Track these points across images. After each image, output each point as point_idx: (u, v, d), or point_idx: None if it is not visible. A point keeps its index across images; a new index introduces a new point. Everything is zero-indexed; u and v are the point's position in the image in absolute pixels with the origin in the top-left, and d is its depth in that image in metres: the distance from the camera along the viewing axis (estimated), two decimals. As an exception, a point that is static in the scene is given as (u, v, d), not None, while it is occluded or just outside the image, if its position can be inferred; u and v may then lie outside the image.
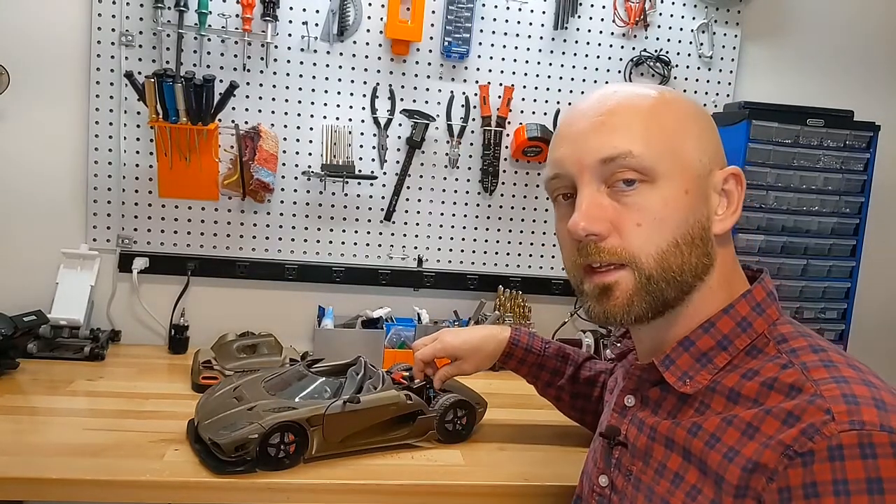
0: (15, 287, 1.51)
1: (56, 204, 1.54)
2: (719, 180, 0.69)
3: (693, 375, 0.68)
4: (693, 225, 0.67)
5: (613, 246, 0.67)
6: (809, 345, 0.65)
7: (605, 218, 0.67)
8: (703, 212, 0.68)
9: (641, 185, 0.66)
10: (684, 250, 0.66)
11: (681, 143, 0.68)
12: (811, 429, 0.55)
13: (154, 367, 1.44)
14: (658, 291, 0.67)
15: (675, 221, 0.66)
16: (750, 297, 0.69)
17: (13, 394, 1.21)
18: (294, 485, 0.96)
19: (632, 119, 0.68)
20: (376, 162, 1.64)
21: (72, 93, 1.52)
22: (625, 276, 0.67)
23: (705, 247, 0.68)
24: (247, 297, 1.63)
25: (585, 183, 0.68)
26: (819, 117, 1.61)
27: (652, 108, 0.69)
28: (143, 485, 0.93)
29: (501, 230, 1.72)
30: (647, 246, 0.66)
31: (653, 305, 0.68)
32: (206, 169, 1.52)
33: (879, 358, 1.89)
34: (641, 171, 0.66)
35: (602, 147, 0.67)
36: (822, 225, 1.65)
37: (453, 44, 1.61)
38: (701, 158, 0.68)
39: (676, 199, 0.66)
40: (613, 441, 0.75)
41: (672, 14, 1.71)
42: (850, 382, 0.58)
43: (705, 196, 0.68)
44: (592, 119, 0.69)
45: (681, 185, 0.67)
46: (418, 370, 1.14)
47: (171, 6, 1.48)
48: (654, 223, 0.66)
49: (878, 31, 1.84)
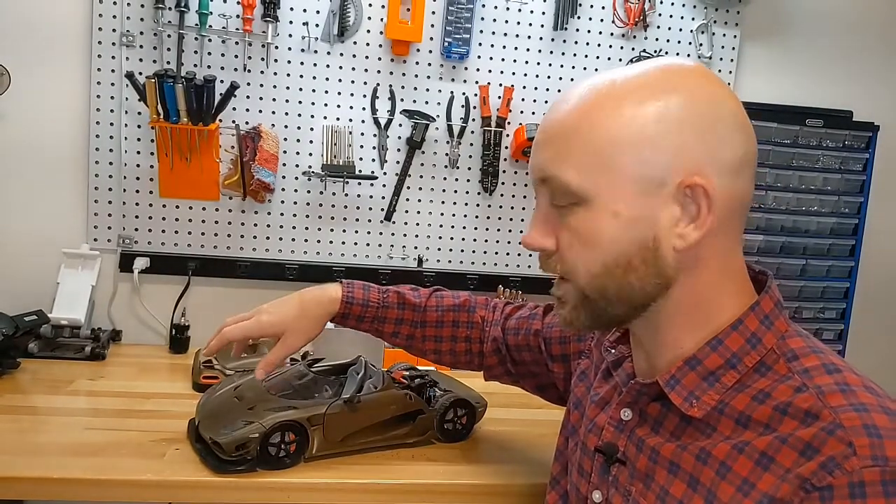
0: (16, 287, 1.51)
1: (57, 204, 1.54)
2: (676, 191, 0.62)
3: (700, 395, 0.64)
4: (627, 248, 0.63)
5: (555, 263, 0.69)
6: (822, 364, 0.61)
7: (551, 233, 0.68)
8: (644, 232, 0.63)
9: (573, 206, 0.65)
10: (618, 273, 0.64)
11: (617, 160, 0.62)
12: (831, 463, 0.52)
13: (155, 367, 1.44)
14: (598, 309, 0.67)
15: (602, 246, 0.64)
16: (758, 309, 0.65)
17: (14, 393, 1.21)
18: (294, 484, 0.96)
19: (566, 137, 0.65)
20: (376, 162, 1.64)
21: (72, 93, 1.52)
22: (569, 289, 0.68)
23: (652, 267, 0.63)
24: (247, 297, 1.63)
25: (538, 195, 0.70)
26: (818, 117, 1.62)
27: (592, 121, 0.64)
28: (144, 484, 0.93)
29: (501, 230, 1.72)
30: (578, 266, 0.66)
31: (597, 321, 0.68)
32: (207, 169, 1.53)
33: (878, 358, 1.89)
34: (569, 195, 0.65)
35: (536, 167, 0.68)
36: (821, 225, 1.66)
37: (453, 44, 1.61)
38: (645, 172, 0.62)
39: (605, 223, 0.63)
40: (612, 458, 0.72)
41: (671, 14, 1.71)
42: (870, 411, 0.54)
43: (649, 214, 0.63)
44: (540, 132, 0.69)
45: (609, 207, 0.63)
46: (217, 347, 1.01)
47: (171, 6, 1.48)
48: (583, 247, 0.65)
49: (878, 32, 1.84)
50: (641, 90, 0.64)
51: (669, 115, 0.62)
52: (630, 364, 0.76)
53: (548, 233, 0.68)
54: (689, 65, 0.67)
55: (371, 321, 1.04)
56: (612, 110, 0.63)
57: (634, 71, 0.66)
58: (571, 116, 0.65)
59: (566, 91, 0.69)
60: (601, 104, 0.64)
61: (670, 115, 0.62)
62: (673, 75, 0.65)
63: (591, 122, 0.64)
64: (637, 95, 0.63)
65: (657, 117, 0.62)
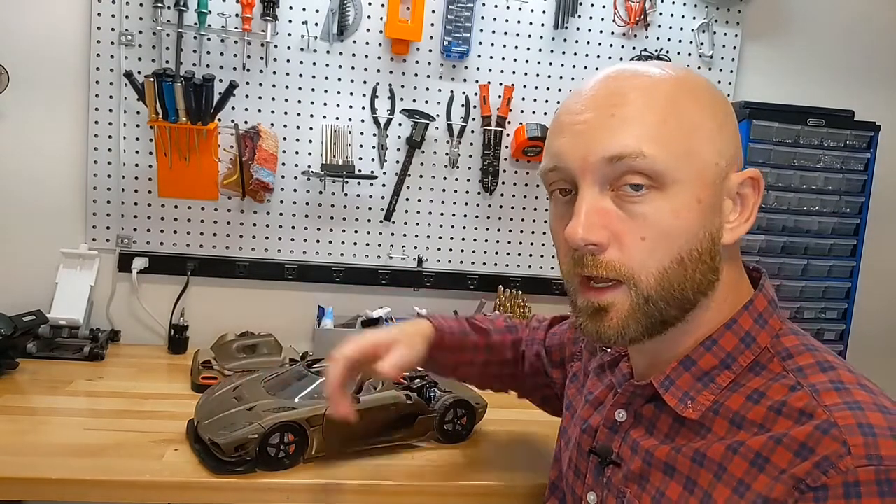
0: (14, 287, 1.51)
1: (55, 204, 1.54)
2: (735, 184, 0.62)
3: (695, 396, 0.63)
4: (702, 239, 0.60)
5: (612, 260, 0.60)
6: (817, 361, 0.60)
7: (605, 226, 0.60)
8: (714, 223, 0.61)
9: (650, 191, 0.59)
10: (689, 267, 0.60)
11: (698, 144, 0.60)
12: (826, 462, 0.52)
13: (154, 367, 1.44)
14: (656, 312, 0.61)
15: (684, 236, 0.60)
16: (752, 308, 0.64)
17: (13, 394, 1.20)
18: (294, 485, 0.96)
19: (646, 112, 0.60)
20: (376, 162, 1.64)
21: (71, 92, 1.51)
22: (621, 296, 0.61)
23: (713, 261, 0.62)
24: (247, 297, 1.63)
25: (588, 184, 0.61)
26: (819, 117, 1.61)
27: (671, 98, 0.61)
28: (143, 485, 0.93)
29: (501, 230, 1.72)
30: (649, 263, 0.60)
31: (649, 327, 0.62)
32: (206, 169, 1.52)
33: (879, 358, 1.89)
34: (652, 175, 0.59)
35: (610, 144, 0.59)
36: (823, 225, 1.65)
37: (453, 43, 1.60)
38: (718, 161, 0.61)
39: (688, 210, 0.59)
40: (606, 460, 0.71)
41: (672, 14, 1.71)
42: (865, 409, 0.54)
43: (718, 204, 0.62)
44: (601, 109, 0.61)
45: (694, 193, 0.60)
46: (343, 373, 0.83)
47: (170, 6, 1.48)
48: (659, 238, 0.59)
49: (879, 31, 1.84)
50: (701, 81, 0.64)
51: (724, 108, 0.64)
52: (627, 364, 0.75)
53: (599, 225, 0.60)
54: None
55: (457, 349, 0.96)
56: (687, 91, 0.62)
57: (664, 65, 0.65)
58: (652, 92, 0.61)
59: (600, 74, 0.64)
60: (681, 87, 0.62)
61: (726, 110, 0.64)
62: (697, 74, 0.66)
63: (671, 101, 0.61)
64: (704, 85, 0.64)
65: (724, 109, 0.64)
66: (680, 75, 0.63)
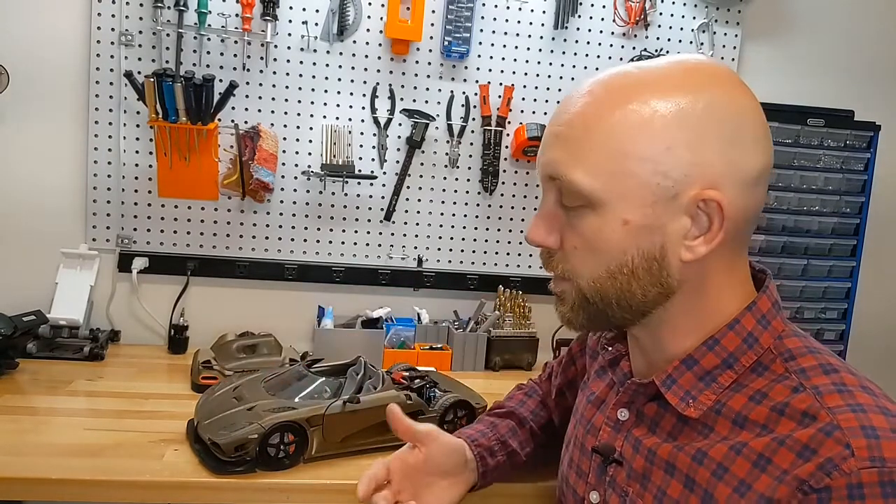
0: (14, 287, 1.51)
1: (55, 204, 1.54)
2: (688, 203, 0.60)
3: (696, 395, 0.64)
4: (634, 256, 0.62)
5: (558, 262, 0.67)
6: (819, 364, 0.61)
7: (556, 230, 0.66)
8: (653, 241, 0.61)
9: (582, 207, 0.63)
10: (621, 280, 0.63)
11: (633, 167, 0.60)
12: (829, 464, 0.52)
13: (154, 367, 1.44)
14: (598, 312, 0.66)
15: (609, 253, 0.63)
16: (755, 309, 0.65)
17: (13, 394, 1.20)
18: (294, 485, 0.96)
19: (579, 138, 0.62)
20: (376, 162, 1.64)
21: (71, 92, 1.51)
22: (568, 288, 0.67)
23: (656, 277, 0.63)
24: (247, 297, 1.63)
25: (545, 191, 0.68)
26: (819, 117, 1.61)
27: (612, 123, 0.61)
28: (143, 485, 0.93)
29: (501, 230, 1.72)
30: (581, 269, 0.65)
31: (595, 323, 0.68)
32: (206, 169, 1.52)
33: (879, 358, 1.89)
34: (579, 196, 0.63)
35: (548, 164, 0.65)
36: (823, 225, 1.65)
37: (453, 43, 1.60)
38: (661, 181, 0.60)
39: (612, 230, 0.62)
40: (609, 459, 0.71)
41: (672, 14, 1.71)
42: (868, 411, 0.55)
43: (660, 223, 0.61)
44: (553, 128, 0.66)
45: (620, 215, 0.61)
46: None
47: (170, 6, 1.48)
48: (587, 250, 0.64)
49: (879, 31, 1.84)
50: (662, 91, 0.61)
51: (691, 121, 0.60)
52: (627, 362, 0.75)
53: (552, 230, 0.67)
54: (713, 65, 0.64)
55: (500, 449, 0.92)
56: (630, 113, 0.60)
57: (655, 69, 0.63)
58: (586, 115, 0.63)
59: (579, 85, 0.66)
60: (618, 104, 0.61)
61: (692, 122, 0.60)
62: (696, 77, 0.62)
63: (607, 125, 0.61)
64: (657, 98, 0.60)
65: (678, 123, 0.60)
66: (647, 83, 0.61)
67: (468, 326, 1.61)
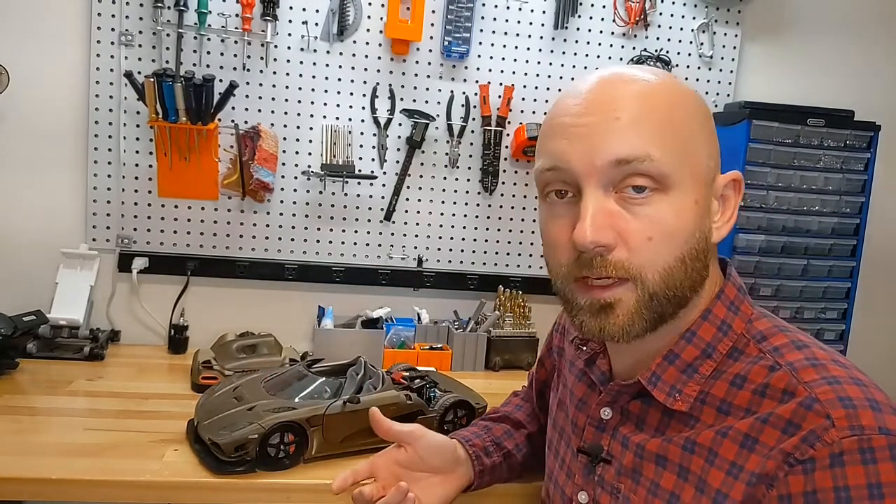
0: (14, 287, 1.51)
1: (56, 203, 1.54)
2: (720, 186, 0.66)
3: (681, 388, 0.65)
4: (699, 238, 0.63)
5: (620, 260, 0.61)
6: (791, 341, 0.63)
7: (612, 227, 0.61)
8: (707, 223, 0.64)
9: (653, 193, 0.61)
10: (688, 265, 0.62)
11: (694, 146, 0.63)
12: (812, 436, 0.54)
13: (154, 367, 1.44)
14: (659, 309, 0.63)
15: (685, 235, 0.62)
16: (724, 296, 0.67)
17: (13, 394, 1.21)
18: (294, 485, 0.96)
19: (648, 116, 0.61)
20: (376, 162, 1.64)
21: (71, 92, 1.51)
22: (627, 293, 0.62)
23: (706, 259, 0.65)
24: (247, 297, 1.63)
25: (592, 186, 0.61)
26: (819, 117, 1.61)
27: (667, 102, 0.63)
28: (143, 485, 0.93)
29: (501, 230, 1.72)
30: (655, 261, 0.61)
31: (652, 323, 0.64)
32: (206, 169, 1.52)
33: (879, 358, 1.89)
34: (657, 177, 0.60)
35: (618, 147, 0.60)
36: (823, 225, 1.65)
37: (453, 43, 1.60)
38: (709, 163, 0.64)
39: (688, 211, 0.62)
40: (596, 458, 0.71)
41: (672, 14, 1.71)
42: (842, 382, 0.57)
43: (709, 205, 0.65)
44: (603, 112, 0.62)
45: (692, 195, 0.62)
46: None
47: (170, 6, 1.48)
48: (664, 238, 0.61)
49: (879, 31, 1.84)
50: (685, 87, 0.66)
51: (708, 113, 0.67)
52: (604, 360, 0.76)
53: (605, 226, 0.61)
54: None
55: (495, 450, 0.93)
56: (684, 100, 0.65)
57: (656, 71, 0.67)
58: (654, 98, 0.63)
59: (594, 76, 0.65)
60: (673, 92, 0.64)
61: (709, 114, 0.68)
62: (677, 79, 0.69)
63: (677, 108, 0.63)
64: (688, 91, 0.66)
65: (707, 114, 0.67)
66: (667, 81, 0.66)
67: (468, 326, 1.61)
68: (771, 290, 1.63)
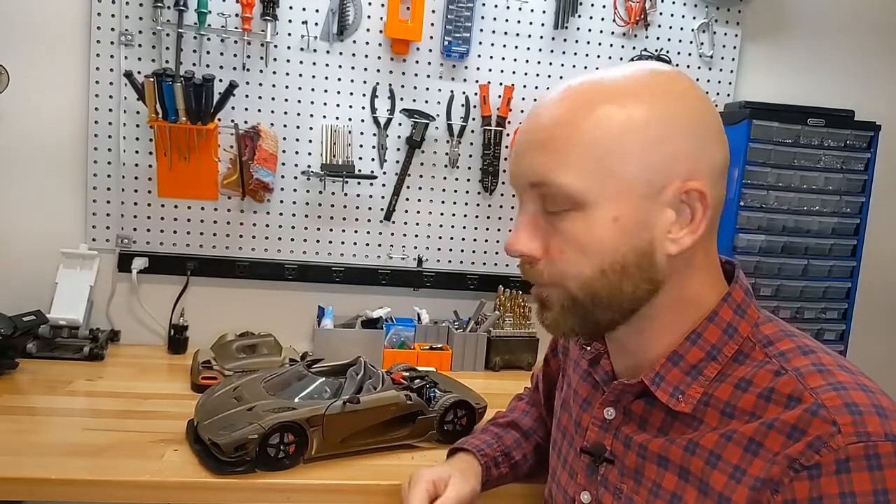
0: (14, 287, 1.51)
1: (55, 203, 1.54)
2: (673, 196, 0.62)
3: (685, 390, 0.65)
4: (625, 254, 0.62)
5: (541, 270, 0.66)
6: (797, 346, 0.63)
7: (538, 238, 0.66)
8: (642, 237, 0.62)
9: (569, 210, 0.63)
10: (612, 278, 0.63)
11: (618, 165, 0.61)
12: (818, 442, 0.54)
13: (153, 367, 1.44)
14: (586, 314, 0.65)
15: (601, 252, 0.62)
16: (731, 300, 0.67)
17: (13, 394, 1.20)
18: (294, 485, 0.96)
19: (563, 140, 0.62)
20: (376, 162, 1.63)
21: (71, 92, 1.51)
22: (554, 292, 0.67)
23: (646, 272, 0.63)
24: (246, 297, 1.63)
25: (524, 201, 0.67)
26: (820, 117, 1.61)
27: (593, 124, 0.62)
28: (143, 485, 0.93)
29: (501, 230, 1.72)
30: (571, 272, 0.64)
31: (583, 326, 0.67)
32: (206, 168, 1.52)
33: (879, 359, 1.89)
34: (567, 199, 0.62)
35: (531, 171, 0.64)
36: (823, 225, 1.65)
37: (453, 43, 1.60)
38: (646, 176, 0.61)
39: (602, 228, 0.62)
40: (599, 458, 0.72)
41: (672, 14, 1.71)
42: (848, 389, 0.57)
43: (649, 219, 0.62)
44: (530, 135, 0.65)
45: (610, 212, 0.62)
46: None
47: (170, 6, 1.48)
48: (577, 252, 0.63)
49: (880, 31, 1.84)
50: (639, 92, 0.63)
51: (668, 118, 0.62)
52: (607, 361, 0.76)
53: (534, 238, 0.66)
54: (672, 70, 0.67)
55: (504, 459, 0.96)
56: (613, 112, 0.62)
57: (623, 73, 0.65)
58: (565, 119, 0.63)
59: (549, 94, 0.67)
60: (595, 107, 0.62)
61: (669, 119, 0.62)
62: (663, 79, 0.65)
63: (587, 126, 0.62)
64: (636, 97, 0.62)
65: (659, 120, 0.62)
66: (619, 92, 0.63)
67: (468, 326, 1.61)
68: (771, 290, 1.63)
